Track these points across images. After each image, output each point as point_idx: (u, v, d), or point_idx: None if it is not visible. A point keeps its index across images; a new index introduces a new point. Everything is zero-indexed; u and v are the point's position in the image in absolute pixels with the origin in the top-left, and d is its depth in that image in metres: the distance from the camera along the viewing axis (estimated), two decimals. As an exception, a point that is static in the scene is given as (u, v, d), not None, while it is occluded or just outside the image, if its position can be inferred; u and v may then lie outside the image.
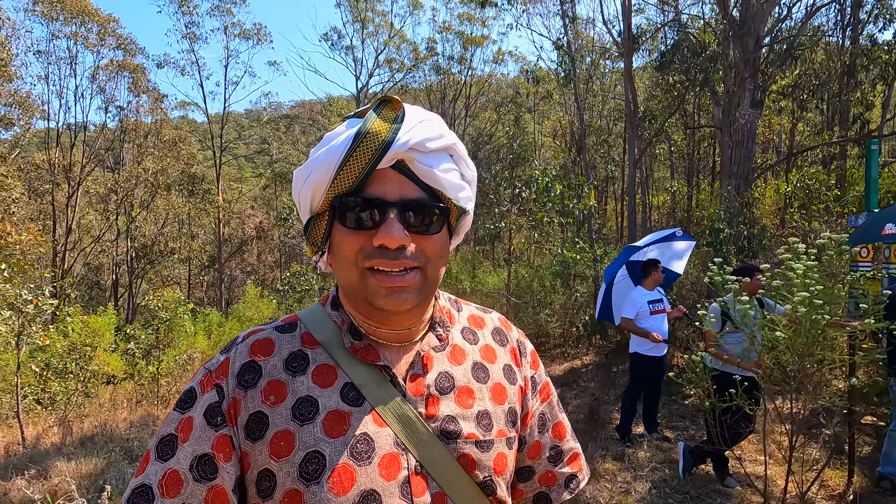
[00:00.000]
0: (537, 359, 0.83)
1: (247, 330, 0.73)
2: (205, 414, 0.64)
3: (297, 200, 0.68)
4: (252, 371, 0.66)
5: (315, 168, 0.63)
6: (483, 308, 0.84)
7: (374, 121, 0.62)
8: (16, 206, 12.16)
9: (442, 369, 0.71)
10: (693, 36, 11.06)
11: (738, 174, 9.56)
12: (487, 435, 0.70)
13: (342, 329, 0.70)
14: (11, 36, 15.66)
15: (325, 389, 0.65)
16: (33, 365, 7.36)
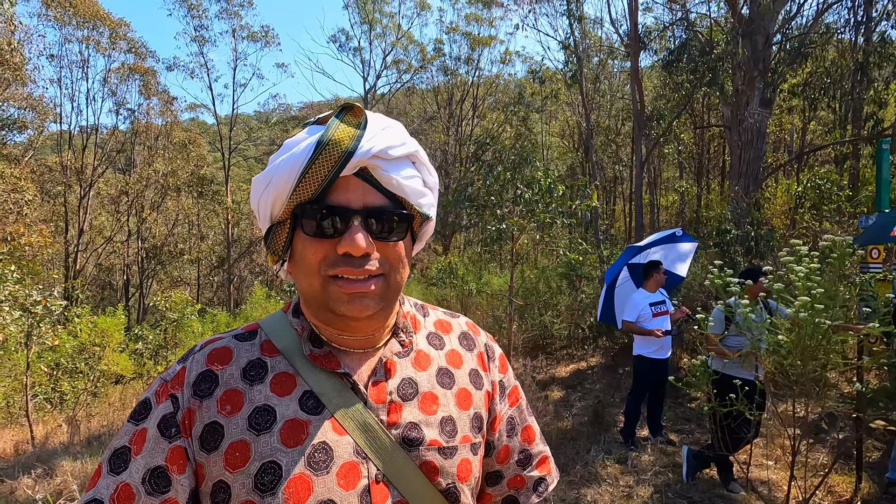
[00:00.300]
0: (506, 363, 0.83)
1: (204, 339, 0.72)
2: (159, 425, 0.63)
3: (256, 208, 0.67)
4: (209, 380, 0.65)
5: (276, 175, 0.62)
6: (451, 313, 0.83)
7: (337, 128, 0.61)
8: (29, 208, 12.36)
9: (405, 375, 0.70)
10: (701, 35, 10.94)
11: (747, 174, 9.45)
12: (451, 441, 0.69)
13: (302, 336, 0.69)
14: (25, 41, 15.92)
15: (284, 398, 0.64)
16: (42, 365, 7.47)
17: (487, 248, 4.94)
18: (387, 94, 23.27)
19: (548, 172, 4.44)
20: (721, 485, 3.71)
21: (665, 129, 11.29)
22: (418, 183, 0.67)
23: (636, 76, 10.31)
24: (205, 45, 23.73)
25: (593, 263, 8.88)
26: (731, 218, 6.32)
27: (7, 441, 5.98)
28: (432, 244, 19.88)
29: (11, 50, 12.15)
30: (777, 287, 2.37)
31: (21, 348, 6.29)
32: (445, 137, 19.97)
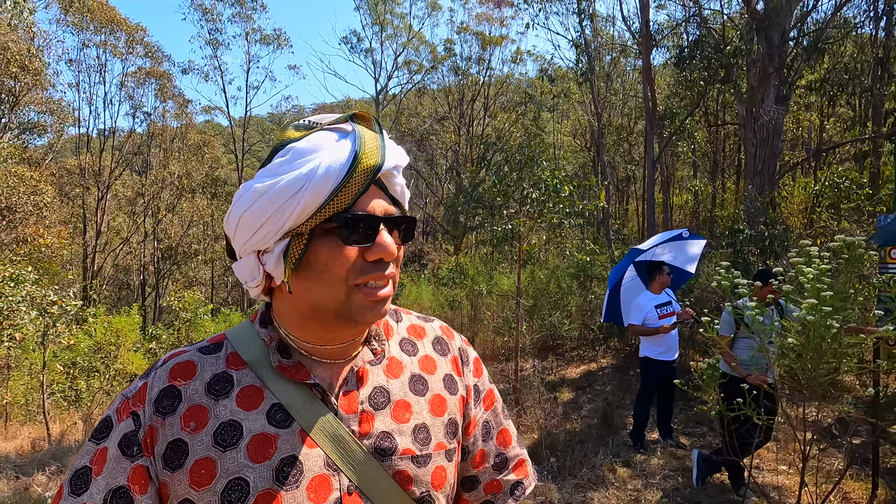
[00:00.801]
0: (481, 366, 0.82)
1: (168, 353, 0.70)
2: (120, 444, 0.61)
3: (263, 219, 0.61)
4: (171, 396, 0.63)
5: (309, 187, 0.59)
6: (424, 317, 0.83)
7: (366, 140, 0.62)
8: (48, 210, 12.64)
9: (377, 384, 0.70)
10: (715, 31, 10.77)
11: (762, 172, 9.27)
12: (425, 449, 0.69)
13: (270, 347, 0.67)
14: (45, 46, 16.30)
15: (251, 412, 0.63)
16: (59, 364, 7.62)
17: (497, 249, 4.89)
18: (398, 94, 23.33)
19: (554, 172, 4.40)
20: (732, 489, 3.64)
21: (678, 127, 11.13)
22: (405, 188, 0.70)
23: (648, 74, 10.19)
24: (218, 48, 24.09)
25: (604, 264, 8.79)
26: (744, 217, 6.19)
27: (24, 438, 6.11)
28: (443, 245, 19.87)
29: (31, 56, 12.45)
30: (786, 289, 2.31)
31: (38, 348, 6.43)
32: (456, 138, 19.95)
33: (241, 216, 0.62)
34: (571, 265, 8.87)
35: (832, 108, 12.69)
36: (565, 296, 8.72)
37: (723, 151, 15.44)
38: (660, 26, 12.36)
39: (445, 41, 22.02)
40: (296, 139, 0.63)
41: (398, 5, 22.57)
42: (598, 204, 4.79)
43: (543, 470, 4.07)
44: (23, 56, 12.03)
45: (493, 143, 5.60)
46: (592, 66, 12.15)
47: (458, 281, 9.71)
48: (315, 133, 0.64)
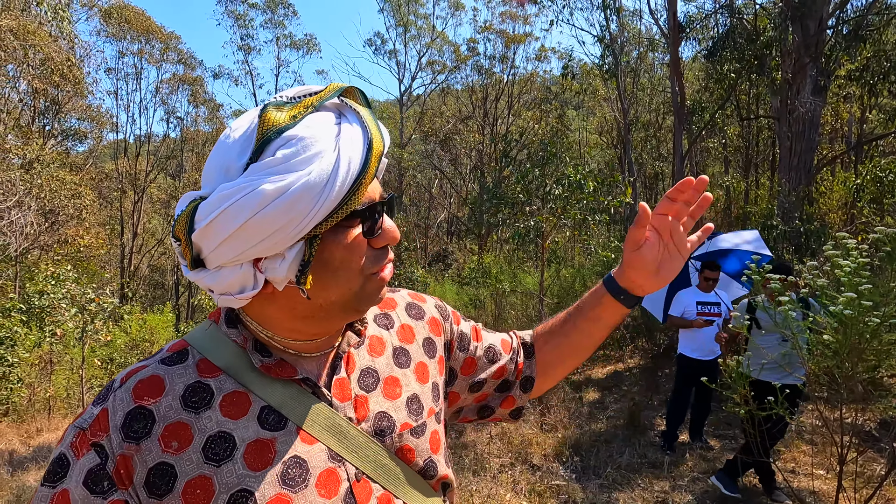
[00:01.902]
0: (458, 315, 0.85)
1: (123, 371, 0.62)
2: (85, 482, 0.54)
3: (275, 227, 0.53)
4: (141, 418, 0.56)
5: (335, 187, 0.53)
6: (391, 288, 0.79)
7: (370, 124, 0.58)
8: (88, 213, 13.20)
9: (364, 365, 0.69)
10: (747, 21, 10.43)
11: (798, 167, 8.93)
12: (420, 419, 0.70)
13: (246, 348, 0.62)
14: (85, 56, 17.02)
15: (240, 420, 0.59)
16: (96, 359, 7.94)
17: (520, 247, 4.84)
18: (422, 95, 23.42)
19: (578, 168, 4.33)
20: (764, 494, 3.50)
21: (707, 121, 10.82)
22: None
23: (676, 67, 9.94)
24: (250, 53, 24.67)
25: (631, 262, 8.60)
26: (778, 213, 5.97)
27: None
28: (468, 244, 19.85)
29: (71, 65, 13.02)
30: (821, 283, 2.21)
31: (78, 343, 6.71)
32: (480, 137, 19.90)
33: (247, 222, 0.52)
34: (597, 263, 8.72)
35: (873, 98, 12.11)
36: (591, 295, 8.57)
37: (756, 146, 14.93)
38: (689, 18, 12.04)
39: (469, 40, 22.01)
40: (289, 125, 0.54)
41: (421, 6, 22.68)
42: (625, 200, 4.68)
43: (567, 469, 4.02)
44: (63, 65, 12.60)
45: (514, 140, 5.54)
46: (618, 61, 11.93)
47: (481, 280, 9.68)
48: (310, 116, 0.56)
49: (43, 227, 11.79)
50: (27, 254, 11.41)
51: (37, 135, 13.69)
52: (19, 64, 11.76)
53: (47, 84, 12.92)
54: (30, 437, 6.10)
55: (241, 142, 0.55)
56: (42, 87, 13.14)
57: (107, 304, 6.38)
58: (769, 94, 10.46)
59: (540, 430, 4.76)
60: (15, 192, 10.22)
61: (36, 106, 14.67)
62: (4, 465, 4.52)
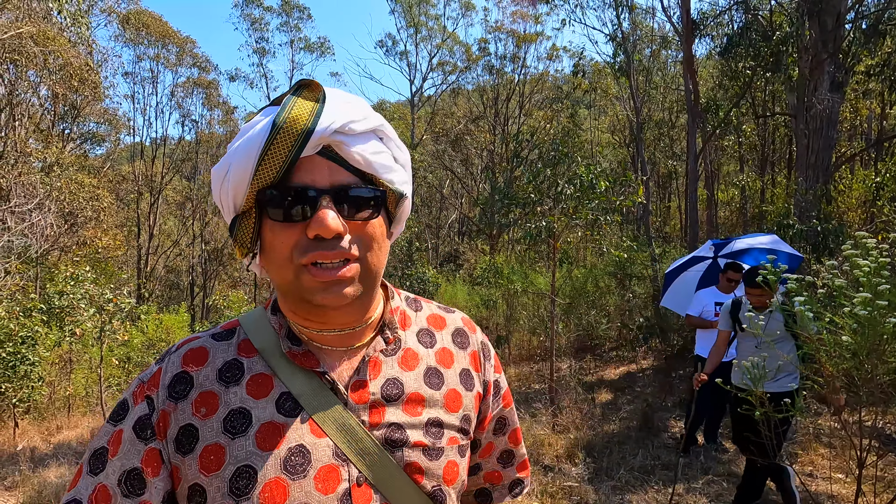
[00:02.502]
0: (499, 363, 0.81)
1: (183, 339, 0.70)
2: (134, 427, 0.61)
3: (219, 200, 0.63)
4: (183, 382, 0.63)
5: (234, 162, 0.58)
6: (446, 308, 0.79)
7: (293, 106, 0.57)
8: (105, 214, 13.45)
9: (390, 375, 0.67)
10: (762, 18, 10.27)
11: (815, 165, 8.76)
12: (437, 442, 0.66)
13: (280, 334, 0.65)
14: (102, 61, 17.34)
15: (260, 400, 0.62)
16: (114, 358, 8.08)
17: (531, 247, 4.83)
18: (433, 95, 23.45)
19: (589, 168, 4.29)
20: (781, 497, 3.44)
21: (722, 119, 10.68)
22: (387, 158, 0.63)
23: (689, 65, 9.82)
24: (265, 56, 24.92)
25: (644, 262, 8.53)
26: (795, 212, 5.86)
27: (85, 428, 6.52)
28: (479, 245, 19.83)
29: (89, 69, 13.28)
30: (838, 283, 2.17)
31: (96, 343, 6.84)
32: (492, 137, 19.86)
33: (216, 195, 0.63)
34: (610, 263, 8.66)
35: (894, 94, 11.84)
36: (603, 295, 8.52)
37: (772, 144, 14.70)
38: (702, 15, 11.88)
39: (479, 40, 21.98)
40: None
41: (432, 7, 22.70)
42: (636, 200, 4.64)
43: (579, 471, 3.99)
44: (82, 70, 12.86)
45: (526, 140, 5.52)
46: (630, 59, 11.82)
47: (492, 280, 9.66)
48: (263, 110, 0.61)
49: (62, 228, 12.05)
50: (47, 255, 11.67)
51: (56, 138, 14.00)
52: (40, 70, 12.03)
53: (66, 89, 13.20)
54: (50, 435, 6.23)
55: None
56: (61, 92, 13.43)
57: (124, 305, 6.49)
58: (785, 91, 10.29)
59: (552, 431, 4.74)
60: (36, 195, 10.46)
61: (55, 110, 15.00)
62: (26, 462, 4.63)
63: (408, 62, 22.89)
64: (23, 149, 11.22)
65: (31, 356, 6.22)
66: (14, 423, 6.30)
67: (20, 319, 6.59)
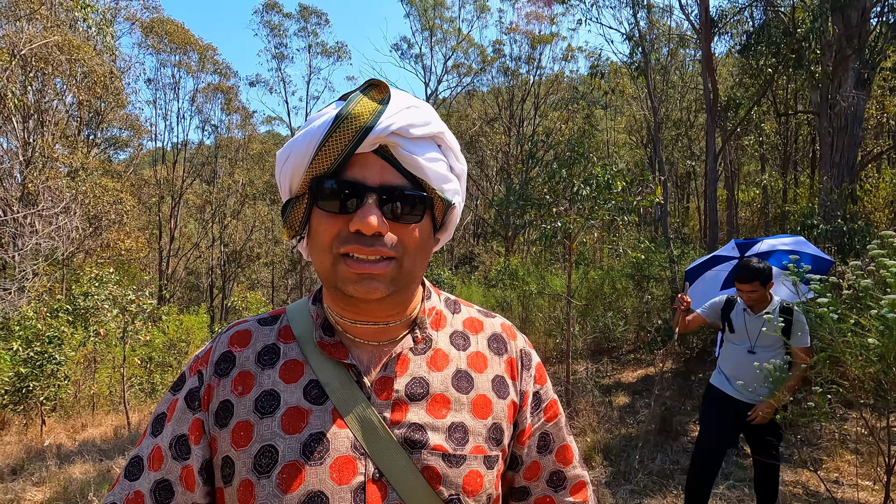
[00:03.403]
0: (544, 374, 0.78)
1: (234, 321, 0.77)
2: (185, 397, 0.67)
3: (279, 181, 0.67)
4: (227, 360, 0.68)
5: (294, 149, 0.62)
6: (487, 312, 0.78)
7: (358, 103, 0.59)
8: (128, 218, 13.77)
9: (417, 374, 0.67)
10: (783, 14, 10.07)
11: (840, 164, 8.54)
12: (459, 449, 0.65)
13: (315, 323, 0.69)
14: (126, 68, 17.79)
15: (290, 385, 0.65)
16: (136, 358, 8.26)
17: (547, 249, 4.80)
18: (448, 98, 23.49)
19: (605, 167, 4.25)
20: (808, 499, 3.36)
21: (742, 118, 10.49)
22: (443, 167, 0.64)
23: (708, 63, 9.66)
24: (283, 61, 25.29)
25: (662, 263, 8.41)
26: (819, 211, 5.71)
27: (108, 426, 6.67)
28: (494, 246, 19.77)
29: (112, 77, 13.63)
30: (864, 284, 2.11)
31: (119, 343, 7.00)
32: (507, 139, 19.81)
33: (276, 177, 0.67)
34: (627, 265, 8.56)
35: (924, 90, 11.49)
36: (620, 297, 8.42)
37: (794, 143, 14.37)
38: (721, 13, 11.69)
39: (494, 42, 21.93)
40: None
41: (447, 10, 22.76)
42: (654, 200, 4.58)
43: (597, 474, 3.95)
44: (106, 77, 13.20)
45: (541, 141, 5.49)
46: (648, 58, 11.69)
47: (507, 282, 9.62)
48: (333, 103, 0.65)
49: (87, 231, 12.37)
50: (73, 257, 11.99)
51: (81, 144, 14.39)
52: (66, 77, 12.39)
53: (91, 95, 13.56)
54: (75, 432, 6.39)
55: None
56: (86, 99, 13.81)
57: (146, 306, 6.64)
58: (808, 88, 10.07)
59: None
60: (62, 199, 10.76)
61: (81, 116, 15.42)
62: (53, 458, 4.75)
63: (423, 65, 22.98)
64: (50, 154, 11.56)
65: (58, 355, 6.39)
66: (41, 420, 6.47)
67: (47, 320, 6.78)
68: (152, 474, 0.65)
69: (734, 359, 2.81)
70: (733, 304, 2.91)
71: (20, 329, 6.65)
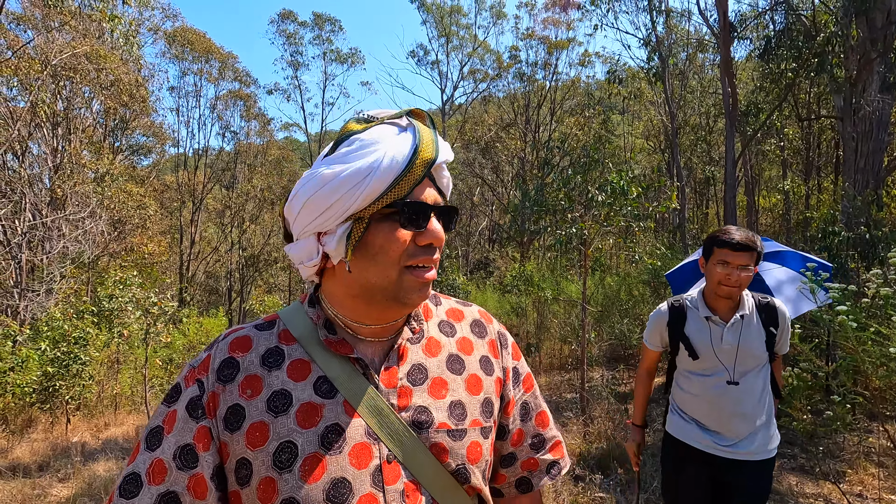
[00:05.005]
0: (518, 351, 0.87)
1: (228, 329, 0.78)
2: (187, 407, 0.68)
3: (327, 205, 0.66)
4: (231, 367, 0.70)
5: (375, 175, 0.65)
6: (463, 302, 0.87)
7: (424, 136, 0.68)
8: (151, 222, 14.11)
9: (416, 361, 0.74)
10: (805, 18, 9.92)
11: (864, 169, 8.37)
12: (460, 424, 0.73)
13: (317, 324, 0.73)
14: (150, 77, 18.29)
15: (299, 383, 0.69)
16: (157, 359, 8.44)
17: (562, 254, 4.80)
18: (464, 104, 23.59)
19: (621, 173, 4.24)
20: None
21: (762, 123, 10.33)
22: (450, 182, 0.75)
23: (727, 68, 9.56)
24: (299, 68, 25.73)
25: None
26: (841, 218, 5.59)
27: (130, 426, 6.82)
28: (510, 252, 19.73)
29: (138, 85, 14.03)
30: (884, 293, 2.08)
31: (141, 344, 7.17)
32: (522, 145, 19.80)
33: (308, 199, 0.67)
34: (644, 271, 8.47)
35: (953, 94, 11.16)
36: (637, 304, 8.34)
37: (817, 148, 14.08)
38: (741, 17, 11.56)
39: (511, 48, 22.02)
40: (358, 131, 0.69)
41: (463, 16, 22.91)
42: (670, 206, 4.55)
43: (611, 482, 3.92)
44: (132, 86, 13.59)
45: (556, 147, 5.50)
46: (665, 63, 11.60)
47: (522, 288, 9.59)
48: (376, 126, 0.69)
49: (112, 235, 12.71)
50: (98, 260, 12.33)
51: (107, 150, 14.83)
52: (93, 86, 12.80)
53: (117, 103, 13.98)
54: (99, 431, 6.56)
55: (329, 144, 0.71)
56: (112, 107, 14.23)
57: (167, 308, 6.79)
58: (831, 92, 9.88)
59: (583, 441, 4.67)
60: (88, 204, 11.08)
61: (107, 124, 15.88)
62: (77, 456, 4.89)
63: (439, 71, 23.14)
64: (77, 160, 11.93)
65: (83, 356, 6.57)
66: (67, 418, 6.66)
67: (73, 321, 6.99)
68: (153, 488, 0.65)
69: (706, 396, 1.82)
70: (683, 312, 1.89)
71: (48, 330, 6.86)
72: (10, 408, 6.47)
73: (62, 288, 9.15)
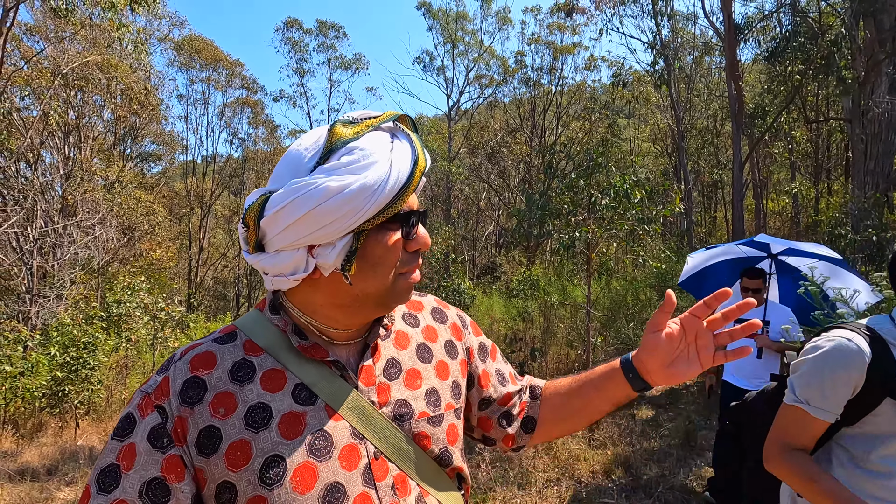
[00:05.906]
0: (477, 326, 0.93)
1: (182, 347, 0.72)
2: (148, 438, 0.62)
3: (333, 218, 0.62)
4: (196, 386, 0.65)
5: (386, 190, 0.63)
6: (419, 293, 0.89)
7: (418, 145, 0.69)
8: (160, 228, 14.27)
9: (389, 356, 0.76)
10: (811, 19, 9.87)
11: (874, 171, 8.28)
12: (437, 410, 0.76)
13: (286, 331, 0.70)
14: (159, 85, 18.54)
15: (276, 394, 0.66)
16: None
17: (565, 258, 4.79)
18: (469, 109, 23.67)
19: (624, 177, 4.23)
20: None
21: (769, 125, 10.26)
22: None
23: (733, 70, 9.53)
24: (304, 75, 25.96)
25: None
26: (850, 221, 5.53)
27: (138, 430, 6.87)
28: (516, 256, 19.69)
29: (147, 93, 14.23)
30: (888, 294, 2.06)
31: (149, 349, 7.23)
32: (528, 149, 19.81)
33: (309, 211, 0.61)
34: (650, 275, 8.43)
35: (964, 94, 11.03)
36: (644, 308, 8.28)
37: (826, 150, 13.97)
38: (747, 19, 11.52)
39: (516, 53, 22.05)
40: (352, 137, 0.65)
41: (469, 22, 23.03)
42: (674, 209, 4.53)
43: (617, 487, 3.89)
44: (141, 94, 13.79)
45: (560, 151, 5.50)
46: (671, 67, 11.58)
47: (528, 292, 9.57)
48: (370, 133, 0.66)
49: (121, 241, 12.86)
50: (108, 266, 12.48)
51: (117, 158, 15.04)
52: (104, 94, 13.00)
53: (127, 111, 14.18)
54: (107, 435, 6.60)
55: (312, 149, 0.66)
56: (122, 115, 14.44)
57: (175, 313, 6.85)
58: (839, 94, 9.81)
59: (588, 446, 4.64)
60: (98, 210, 11.23)
61: (117, 132, 16.12)
62: (85, 460, 4.93)
63: (445, 77, 23.25)
64: (88, 168, 12.11)
65: (92, 361, 6.64)
66: (76, 423, 6.72)
67: (83, 326, 7.07)
68: None
69: None
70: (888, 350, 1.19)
71: (58, 335, 6.95)
72: (21, 412, 6.55)
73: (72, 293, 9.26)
